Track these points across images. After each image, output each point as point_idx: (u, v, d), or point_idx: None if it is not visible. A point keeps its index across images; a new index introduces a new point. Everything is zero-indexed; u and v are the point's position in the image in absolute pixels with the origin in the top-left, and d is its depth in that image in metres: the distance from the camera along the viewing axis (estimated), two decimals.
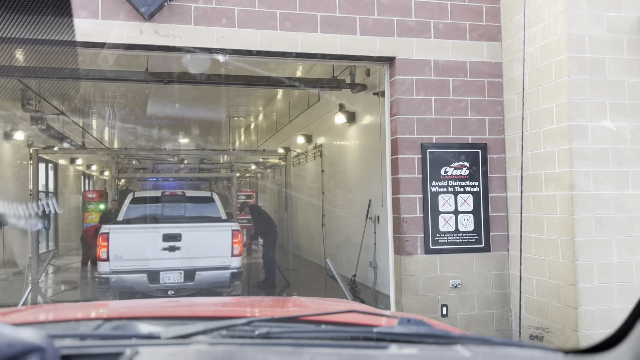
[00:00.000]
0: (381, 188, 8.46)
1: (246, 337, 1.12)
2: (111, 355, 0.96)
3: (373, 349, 1.04)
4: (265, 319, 1.27)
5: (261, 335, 1.12)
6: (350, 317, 1.51)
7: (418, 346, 1.08)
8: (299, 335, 1.14)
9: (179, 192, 9.07)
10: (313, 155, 12.53)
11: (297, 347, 1.04)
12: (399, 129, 5.11)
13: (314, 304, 2.15)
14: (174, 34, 4.56)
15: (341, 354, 1.01)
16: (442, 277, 5.06)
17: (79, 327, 1.33)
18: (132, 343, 1.04)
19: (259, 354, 0.98)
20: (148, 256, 7.52)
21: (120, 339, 1.08)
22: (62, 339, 1.06)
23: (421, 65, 5.16)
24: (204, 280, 7.59)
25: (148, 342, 1.07)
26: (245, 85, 8.29)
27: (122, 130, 18.59)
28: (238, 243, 7.90)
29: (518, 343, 1.12)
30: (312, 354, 0.99)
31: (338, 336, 1.14)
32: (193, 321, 1.33)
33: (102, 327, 1.28)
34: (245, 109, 15.80)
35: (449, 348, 1.07)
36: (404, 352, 1.04)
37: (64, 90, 10.65)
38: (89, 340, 1.09)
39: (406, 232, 5.05)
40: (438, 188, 5.14)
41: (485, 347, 1.07)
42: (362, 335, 1.13)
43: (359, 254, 9.12)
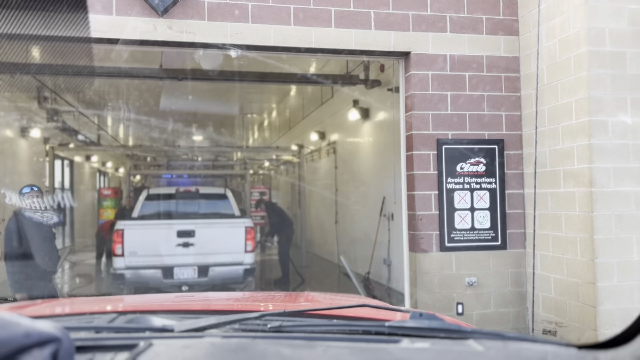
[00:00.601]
0: (395, 185, 8.40)
1: (258, 331, 1.13)
2: (125, 347, 0.96)
3: (385, 343, 1.03)
4: (277, 312, 1.27)
5: (273, 329, 1.12)
6: (361, 312, 1.50)
7: (430, 340, 1.07)
8: (310, 329, 1.14)
9: (193, 189, 9.12)
10: (326, 152, 12.49)
11: (309, 340, 1.04)
12: (414, 124, 5.05)
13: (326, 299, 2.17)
14: (188, 30, 4.55)
15: (353, 347, 1.00)
16: (458, 274, 5.00)
17: (94, 320, 1.34)
18: (145, 336, 1.05)
19: (272, 347, 0.98)
20: (162, 252, 7.58)
21: (134, 332, 1.09)
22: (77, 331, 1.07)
23: (437, 60, 5.09)
24: (217, 276, 7.63)
25: (162, 334, 1.08)
26: (259, 81, 8.27)
27: (136, 127, 18.72)
28: (251, 239, 7.93)
29: (531, 338, 1.11)
30: (324, 347, 0.99)
31: (350, 330, 1.14)
32: (206, 315, 1.34)
33: (116, 320, 1.29)
34: (258, 106, 15.80)
35: (461, 342, 1.05)
36: (416, 346, 1.03)
37: (78, 87, 10.74)
38: (104, 333, 1.10)
39: (421, 229, 5.00)
40: (454, 185, 5.07)
41: (497, 341, 1.06)
42: (373, 330, 1.13)
43: (372, 251, 9.07)
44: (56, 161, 14.77)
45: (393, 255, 8.62)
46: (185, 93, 12.94)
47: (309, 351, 0.97)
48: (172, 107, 14.65)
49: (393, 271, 8.63)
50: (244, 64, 8.49)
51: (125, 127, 18.91)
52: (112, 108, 15.79)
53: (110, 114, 16.75)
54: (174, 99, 13.48)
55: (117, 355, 0.92)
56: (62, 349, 0.75)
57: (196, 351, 0.96)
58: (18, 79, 9.62)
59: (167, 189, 10.03)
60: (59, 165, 15.23)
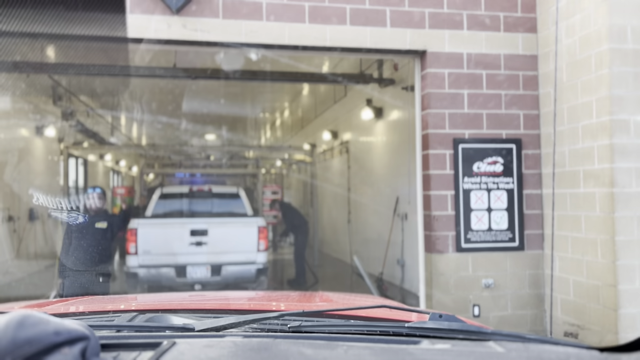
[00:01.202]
0: (409, 185, 8.32)
1: (278, 331, 1.14)
2: (148, 345, 0.97)
3: (405, 344, 1.03)
4: (296, 312, 1.27)
5: (293, 329, 1.13)
6: (380, 313, 1.50)
7: (450, 342, 1.07)
8: (330, 329, 1.14)
9: (206, 188, 9.12)
10: (339, 151, 12.44)
11: (329, 340, 1.04)
12: (430, 123, 4.98)
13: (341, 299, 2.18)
14: (202, 28, 4.52)
15: (374, 347, 1.00)
16: (474, 276, 4.92)
17: (114, 319, 1.35)
18: (167, 335, 1.06)
19: (293, 347, 0.98)
20: (175, 251, 7.59)
21: (155, 331, 1.11)
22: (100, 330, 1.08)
23: (453, 58, 5.01)
24: (230, 275, 7.63)
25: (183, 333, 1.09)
26: (273, 80, 8.24)
27: (149, 127, 18.82)
28: (264, 239, 7.91)
29: (552, 340, 1.10)
30: (345, 347, 0.99)
31: (369, 331, 1.14)
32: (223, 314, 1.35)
33: (135, 319, 1.31)
34: (271, 105, 15.80)
35: (482, 344, 1.05)
36: (436, 347, 1.02)
37: (93, 86, 10.80)
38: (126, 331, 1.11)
39: (437, 229, 4.93)
40: (470, 185, 4.99)
41: (518, 343, 1.05)
42: (393, 330, 1.13)
43: (386, 251, 9.00)
44: (70, 160, 14.91)
45: (407, 255, 8.55)
46: (198, 93, 12.98)
47: (330, 351, 0.97)
48: (185, 107, 14.71)
49: (407, 272, 8.56)
50: (258, 63, 8.48)
51: (138, 127, 19.04)
52: (126, 107, 15.89)
53: (124, 113, 16.86)
54: (188, 99, 13.52)
55: (141, 354, 0.93)
56: (89, 347, 0.77)
57: (219, 350, 0.96)
58: (33, 78, 9.70)
59: (180, 188, 10.03)
60: (73, 164, 15.37)
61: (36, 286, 9.36)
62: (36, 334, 0.73)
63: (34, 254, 10.66)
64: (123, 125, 18.26)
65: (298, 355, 0.94)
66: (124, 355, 0.92)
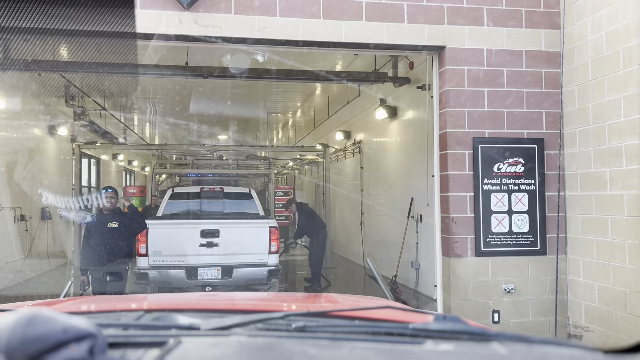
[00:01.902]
0: (426, 185, 8.14)
1: (283, 330, 1.14)
2: (154, 344, 0.98)
3: (409, 345, 1.04)
4: (301, 313, 1.28)
5: (298, 329, 1.14)
6: (384, 314, 1.51)
7: (454, 343, 1.08)
8: (334, 329, 1.15)
9: (217, 188, 9.02)
10: (352, 151, 12.27)
11: (334, 340, 1.05)
12: (449, 122, 4.80)
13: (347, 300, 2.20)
14: (214, 24, 4.40)
15: (378, 348, 1.01)
16: (494, 281, 4.73)
17: (121, 318, 1.37)
18: (173, 333, 1.06)
19: (298, 347, 0.99)
20: (186, 252, 7.48)
21: (161, 329, 1.12)
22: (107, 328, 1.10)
23: (473, 55, 4.83)
24: (241, 277, 7.50)
25: (188, 332, 1.09)
26: (285, 79, 8.12)
27: (161, 126, 18.83)
28: (275, 240, 7.77)
29: (556, 341, 1.09)
30: (350, 347, 1.00)
31: (373, 331, 1.15)
32: (229, 314, 1.36)
33: (142, 317, 1.32)
34: (283, 105, 15.68)
35: (485, 345, 1.06)
36: (440, 348, 1.03)
37: (105, 86, 10.76)
38: (132, 330, 1.12)
39: (455, 232, 4.75)
40: (490, 186, 4.81)
41: (522, 344, 1.06)
42: (397, 331, 1.13)
43: (400, 253, 8.82)
44: (83, 159, 14.93)
45: (422, 258, 8.36)
46: (210, 93, 12.91)
47: (335, 351, 0.98)
48: (197, 107, 14.67)
49: (421, 274, 8.37)
50: (270, 61, 8.35)
51: (150, 127, 19.05)
52: (139, 107, 15.90)
53: (136, 113, 16.88)
54: (200, 98, 13.46)
55: (147, 352, 0.94)
56: (97, 344, 0.78)
57: (224, 349, 0.97)
58: (44, 78, 9.68)
59: (192, 188, 9.94)
60: (85, 164, 15.39)
61: (48, 285, 9.33)
62: (45, 331, 0.75)
63: (46, 253, 10.64)
64: (135, 125, 18.29)
65: (302, 355, 0.95)
66: (130, 353, 0.94)
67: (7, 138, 9.36)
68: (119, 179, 20.28)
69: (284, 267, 11.07)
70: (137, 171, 23.15)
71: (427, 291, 8.11)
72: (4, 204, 8.74)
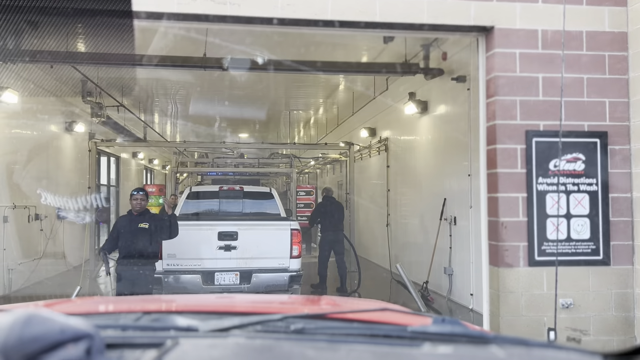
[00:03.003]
0: (461, 185, 7.54)
1: (281, 332, 1.14)
2: (152, 345, 0.98)
3: (408, 347, 1.05)
4: (299, 315, 1.29)
5: (296, 331, 1.13)
6: (382, 316, 1.50)
7: (453, 345, 1.07)
8: (332, 331, 1.15)
9: (237, 188, 8.62)
10: (377, 149, 11.69)
11: (332, 343, 1.06)
12: (498, 113, 4.21)
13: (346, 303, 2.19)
14: (232, 1, 3.89)
15: (376, 351, 1.02)
16: (550, 295, 4.12)
17: (119, 319, 1.36)
18: (171, 335, 1.07)
19: (296, 349, 1.01)
20: (203, 255, 7.05)
21: (159, 331, 1.13)
22: (105, 329, 1.10)
23: (526, 36, 4.23)
24: (260, 283, 7.06)
25: (187, 334, 1.09)
26: (310, 71, 7.59)
27: (182, 124, 18.55)
28: (297, 243, 7.31)
29: (556, 345, 1.11)
30: (347, 350, 1.01)
31: (371, 334, 1.14)
32: (228, 316, 1.33)
33: (141, 319, 1.31)
34: (304, 102, 15.20)
35: (484, 348, 1.06)
36: (438, 351, 1.04)
37: (121, 79, 10.38)
38: (130, 331, 1.12)
39: (506, 239, 4.15)
40: (546, 186, 4.20)
41: (521, 348, 1.07)
42: (395, 334, 1.13)
43: (431, 258, 8.22)
44: (102, 158, 14.65)
45: (455, 263, 7.75)
46: (230, 89, 12.52)
47: (333, 353, 1.00)
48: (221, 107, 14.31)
49: (455, 282, 7.76)
50: (294, 53, 7.85)
51: (172, 125, 18.78)
52: (158, 105, 15.62)
53: (156, 110, 16.62)
54: (220, 95, 13.07)
55: (144, 353, 0.95)
56: (94, 345, 0.80)
57: (222, 350, 0.99)
58: (60, 73, 9.34)
59: (210, 187, 9.56)
60: (104, 162, 15.13)
61: (61, 287, 8.99)
62: (42, 332, 0.76)
63: (62, 253, 10.32)
64: (155, 122, 18.04)
65: (300, 357, 0.97)
66: (128, 354, 0.95)
67: (21, 135, 9.04)
68: (139, 177, 20.05)
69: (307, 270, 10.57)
70: (158, 170, 22.90)
71: (462, 299, 7.50)
72: (17, 203, 8.40)
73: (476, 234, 6.95)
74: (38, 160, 9.60)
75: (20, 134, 8.91)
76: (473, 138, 6.89)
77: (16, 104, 7.90)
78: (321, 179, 19.77)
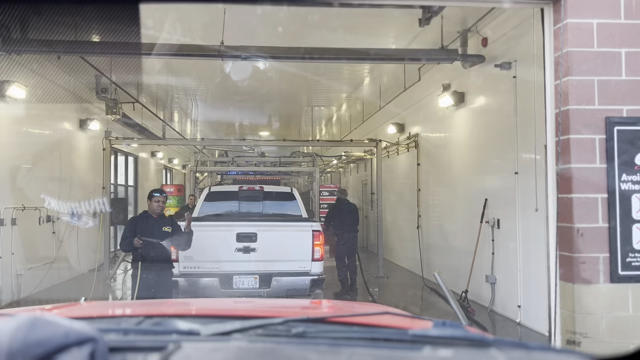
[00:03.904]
0: (503, 184, 6.80)
1: (282, 336, 1.15)
2: (155, 348, 0.99)
3: (408, 351, 1.06)
4: (301, 319, 1.29)
5: (297, 335, 1.14)
6: (383, 320, 1.50)
7: (453, 349, 1.07)
8: (333, 335, 1.16)
9: (257, 188, 8.16)
10: (406, 146, 10.97)
11: (333, 346, 1.06)
12: (571, 97, 3.49)
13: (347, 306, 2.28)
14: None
15: (377, 354, 1.03)
16: (638, 317, 3.38)
17: (122, 323, 1.37)
18: (173, 339, 1.07)
19: (297, 352, 1.01)
20: (220, 258, 6.59)
21: (161, 334, 1.14)
22: (108, 333, 1.11)
23: (605, 3, 3.50)
24: (281, 287, 6.66)
25: (189, 337, 1.10)
26: (339, 59, 6.94)
27: (202, 123, 18.10)
28: (319, 246, 6.82)
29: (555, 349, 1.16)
30: (349, 353, 1.02)
31: (372, 337, 1.15)
32: (229, 320, 1.31)
33: (143, 323, 1.32)
34: (327, 97, 14.57)
35: (484, 352, 1.07)
36: (438, 355, 1.05)
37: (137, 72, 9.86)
38: (132, 335, 1.14)
39: (582, 249, 3.43)
40: (631, 185, 3.47)
41: (521, 351, 1.08)
42: (396, 337, 1.14)
43: (471, 265, 7.48)
44: (120, 157, 14.22)
45: (498, 271, 7.00)
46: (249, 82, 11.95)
47: (334, 357, 1.01)
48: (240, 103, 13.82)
49: (498, 291, 7.01)
50: (321, 39, 7.21)
51: (192, 123, 18.34)
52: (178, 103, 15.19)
53: (175, 108, 16.19)
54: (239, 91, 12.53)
55: (147, 357, 0.96)
56: (98, 349, 0.81)
57: (224, 354, 1.00)
58: (71, 66, 8.86)
59: (229, 188, 9.10)
60: (122, 162, 14.71)
61: (73, 293, 8.50)
62: (46, 336, 0.77)
63: (77, 257, 9.86)
64: (175, 121, 17.61)
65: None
66: (130, 358, 0.96)
67: (32, 132, 8.58)
68: (159, 177, 19.66)
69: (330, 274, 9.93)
70: (178, 170, 22.50)
71: (507, 311, 6.75)
72: (26, 204, 7.93)
73: (526, 238, 6.23)
74: (49, 159, 9.14)
75: (30, 132, 8.45)
76: (524, 130, 6.16)
77: (24, 99, 7.41)
78: (344, 179, 19.09)
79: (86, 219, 9.13)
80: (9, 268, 7.47)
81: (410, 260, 10.73)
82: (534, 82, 5.31)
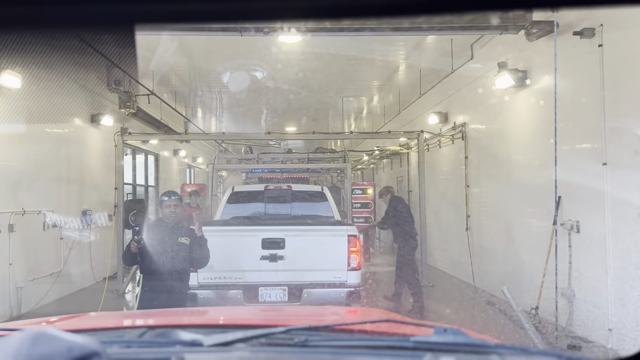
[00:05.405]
0: (584, 179, 5.58)
1: (285, 345, 1.14)
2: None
3: (410, 358, 1.05)
4: (303, 327, 1.28)
5: (300, 343, 1.12)
6: (386, 327, 1.50)
7: (455, 355, 1.08)
8: (336, 343, 1.15)
9: (284, 187, 7.29)
10: (451, 138, 9.77)
11: (335, 355, 1.07)
12: None
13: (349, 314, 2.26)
14: None
15: None
16: None
17: (124, 335, 1.37)
18: (176, 350, 1.07)
19: None
20: (244, 267, 5.78)
21: (164, 346, 1.14)
22: (111, 346, 1.10)
23: None
24: (313, 300, 5.78)
25: (191, 349, 1.09)
26: (378, 30, 5.83)
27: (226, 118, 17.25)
28: (356, 252, 5.85)
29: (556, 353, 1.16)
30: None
31: (375, 345, 1.15)
32: (231, 329, 1.28)
33: (145, 334, 1.31)
34: (359, 86, 13.46)
35: (486, 357, 1.06)
36: None
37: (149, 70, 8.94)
38: (135, 347, 1.13)
39: None
40: None
41: (522, 357, 1.08)
42: (398, 345, 1.13)
43: (542, 276, 6.26)
44: (139, 155, 13.41)
45: (577, 284, 5.78)
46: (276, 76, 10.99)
47: None
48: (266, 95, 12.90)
49: (577, 308, 5.79)
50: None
51: (216, 118, 17.50)
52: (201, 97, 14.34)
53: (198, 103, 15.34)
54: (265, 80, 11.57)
55: None
56: None
57: None
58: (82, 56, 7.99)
59: (254, 187, 8.23)
60: (142, 160, 13.91)
61: (81, 307, 7.63)
62: (49, 351, 0.76)
63: (89, 264, 9.02)
64: (199, 117, 16.79)
65: None
66: None
67: (36, 127, 7.72)
68: (182, 177, 18.88)
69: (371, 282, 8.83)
70: (202, 169, 21.68)
71: (591, 333, 5.53)
72: (27, 208, 7.07)
73: (621, 245, 4.98)
74: (56, 158, 8.29)
75: (31, 126, 7.58)
76: (614, 111, 4.95)
77: (19, 88, 6.52)
78: (377, 176, 17.93)
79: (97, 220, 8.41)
80: (6, 280, 6.62)
81: (457, 266, 9.54)
82: (631, 50, 4.11)
